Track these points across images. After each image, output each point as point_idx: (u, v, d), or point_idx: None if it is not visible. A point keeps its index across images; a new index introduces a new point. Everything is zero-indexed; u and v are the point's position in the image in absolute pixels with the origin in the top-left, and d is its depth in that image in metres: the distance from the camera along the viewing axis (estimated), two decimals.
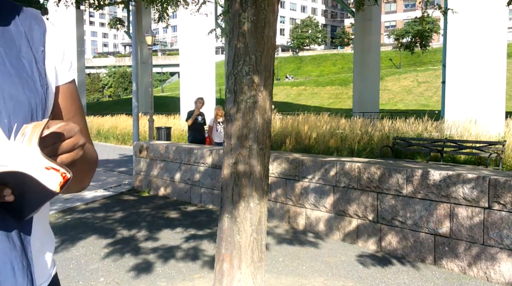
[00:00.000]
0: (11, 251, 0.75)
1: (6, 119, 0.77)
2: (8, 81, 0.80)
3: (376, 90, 24.75)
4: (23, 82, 0.82)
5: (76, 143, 0.74)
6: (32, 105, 0.81)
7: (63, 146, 0.73)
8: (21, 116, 0.79)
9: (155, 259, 4.54)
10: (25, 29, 0.87)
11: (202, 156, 7.09)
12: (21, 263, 0.76)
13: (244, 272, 2.85)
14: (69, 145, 0.73)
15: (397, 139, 11.03)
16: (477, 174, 4.11)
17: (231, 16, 2.88)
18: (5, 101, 0.78)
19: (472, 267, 4.06)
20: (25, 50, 0.85)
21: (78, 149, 0.75)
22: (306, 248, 4.93)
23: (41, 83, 0.85)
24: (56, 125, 0.72)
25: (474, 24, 15.11)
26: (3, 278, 0.74)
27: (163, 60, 74.84)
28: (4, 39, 0.83)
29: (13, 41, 0.84)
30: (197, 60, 23.83)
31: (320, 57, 69.76)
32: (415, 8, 69.90)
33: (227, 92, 2.92)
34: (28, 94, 0.81)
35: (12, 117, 0.78)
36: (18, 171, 0.66)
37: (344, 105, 42.11)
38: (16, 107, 0.79)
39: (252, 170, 2.85)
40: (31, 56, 0.85)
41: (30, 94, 0.82)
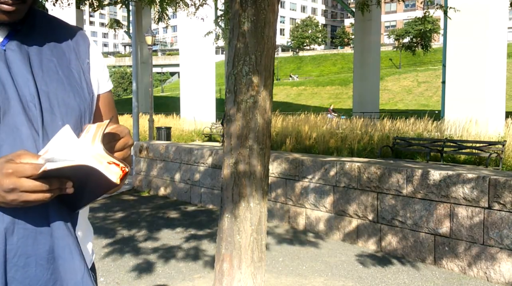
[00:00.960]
0: (68, 237, 0.86)
1: (61, 122, 0.88)
2: (61, 88, 0.91)
3: (376, 90, 24.75)
4: (74, 90, 0.93)
5: (127, 142, 0.86)
6: (81, 111, 0.93)
7: (117, 144, 0.84)
8: (73, 120, 0.90)
9: (155, 259, 4.54)
10: (73, 45, 1.00)
11: (202, 156, 7.09)
12: (76, 247, 0.87)
13: (244, 272, 2.85)
14: (121, 144, 0.85)
15: (397, 139, 11.03)
16: (477, 174, 4.12)
17: (231, 16, 2.88)
18: (60, 106, 0.90)
19: (472, 267, 4.07)
20: (74, 62, 0.97)
21: (128, 148, 0.86)
22: (306, 248, 4.93)
23: (88, 92, 0.97)
24: (112, 126, 0.83)
25: (474, 24, 15.11)
26: (62, 261, 0.85)
27: (163, 60, 74.83)
28: (57, 52, 0.95)
29: (63, 54, 0.96)
30: (197, 60, 23.81)
31: (320, 57, 69.74)
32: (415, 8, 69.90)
33: (227, 92, 2.92)
34: (78, 101, 0.93)
35: (65, 120, 0.89)
36: (85, 164, 0.74)
37: (344, 105, 42.11)
38: (68, 111, 0.90)
39: (252, 170, 2.85)
40: (79, 68, 0.97)
41: (80, 101, 0.94)
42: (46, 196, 0.77)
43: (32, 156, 0.76)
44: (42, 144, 0.83)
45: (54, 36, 0.97)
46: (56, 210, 0.85)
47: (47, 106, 0.88)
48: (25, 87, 0.86)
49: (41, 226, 0.83)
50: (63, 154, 0.74)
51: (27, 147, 0.82)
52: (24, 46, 0.90)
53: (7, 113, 0.83)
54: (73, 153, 0.75)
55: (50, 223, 0.84)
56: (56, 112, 0.88)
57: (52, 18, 1.00)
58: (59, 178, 0.78)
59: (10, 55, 0.87)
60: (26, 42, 0.91)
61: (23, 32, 0.91)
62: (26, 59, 0.89)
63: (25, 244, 0.82)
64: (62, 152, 0.75)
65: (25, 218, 0.82)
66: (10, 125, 0.83)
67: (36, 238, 0.83)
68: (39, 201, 0.77)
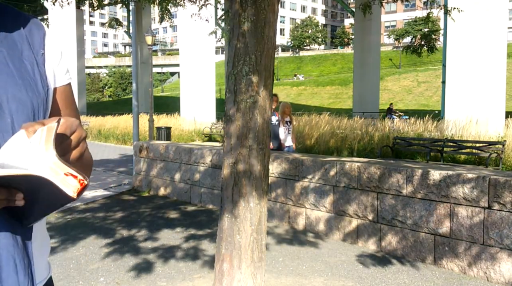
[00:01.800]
0: (14, 248, 0.77)
1: (9, 119, 0.80)
2: (11, 82, 0.82)
3: (376, 90, 24.76)
4: (25, 83, 0.84)
5: (80, 136, 0.76)
6: (34, 106, 0.84)
7: (72, 142, 0.74)
8: (24, 116, 0.82)
9: (155, 259, 4.54)
10: (26, 33, 0.91)
11: (202, 156, 7.09)
12: (23, 260, 0.78)
13: (244, 272, 2.85)
14: (75, 140, 0.75)
15: (397, 139, 11.03)
16: (477, 174, 4.11)
17: (231, 16, 2.88)
18: (9, 101, 0.81)
19: (472, 267, 4.07)
20: (27, 53, 0.88)
21: (82, 142, 0.76)
22: (306, 248, 4.93)
23: (42, 85, 0.88)
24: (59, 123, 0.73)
25: (474, 24, 15.11)
26: (5, 274, 0.75)
27: (163, 60, 74.84)
28: (6, 42, 0.86)
29: (15, 44, 0.87)
30: (197, 60, 23.82)
31: (320, 57, 69.76)
32: (415, 8, 69.88)
33: (227, 92, 2.92)
34: (31, 95, 0.84)
35: (15, 117, 0.80)
36: (39, 175, 0.66)
37: (344, 105, 42.12)
38: (19, 107, 0.81)
39: (252, 170, 2.85)
40: (32, 59, 0.88)
41: (32, 95, 0.84)
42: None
43: None
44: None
45: (4, 24, 0.88)
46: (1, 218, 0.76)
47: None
48: None
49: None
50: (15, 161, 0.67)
51: None
52: None
53: None
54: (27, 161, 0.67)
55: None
56: (4, 108, 0.80)
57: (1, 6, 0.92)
58: (7, 188, 0.70)
59: None
60: None
61: None
62: None
63: None
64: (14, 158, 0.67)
65: None
66: None
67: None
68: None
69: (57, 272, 4.18)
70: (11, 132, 0.78)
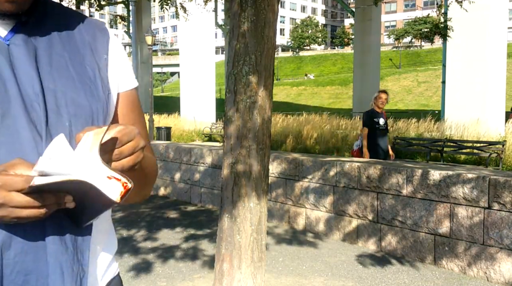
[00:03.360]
0: (62, 255, 0.76)
1: (67, 123, 0.80)
2: (71, 86, 0.83)
3: (376, 90, 24.70)
4: (85, 88, 0.85)
5: (136, 146, 0.75)
6: (93, 110, 0.84)
7: (124, 150, 0.74)
8: (82, 120, 0.82)
9: (155, 259, 4.54)
10: (89, 39, 0.91)
11: (202, 156, 7.10)
12: (71, 267, 0.77)
13: (244, 272, 2.85)
14: (129, 148, 0.74)
15: (397, 139, 11.03)
16: (477, 174, 4.12)
17: (231, 16, 2.88)
18: (68, 105, 0.81)
19: (472, 267, 4.07)
20: (89, 58, 0.89)
21: (138, 151, 0.76)
22: (306, 248, 4.93)
23: (103, 89, 0.88)
24: (115, 129, 0.73)
25: (474, 24, 15.11)
26: (51, 282, 0.75)
27: (163, 60, 74.85)
28: (70, 46, 0.87)
29: (77, 49, 0.88)
30: (197, 60, 23.81)
31: (320, 57, 69.77)
32: (415, 8, 69.87)
33: (227, 92, 2.92)
34: (90, 100, 0.84)
35: (73, 121, 0.81)
36: (81, 180, 0.66)
37: (344, 105, 42.11)
38: (77, 111, 0.82)
39: (252, 170, 2.85)
40: (94, 64, 0.89)
41: (92, 99, 0.85)
42: (41, 212, 0.69)
43: (28, 166, 0.68)
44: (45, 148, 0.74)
45: (68, 29, 0.88)
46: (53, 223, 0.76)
47: (53, 106, 0.79)
48: (29, 85, 0.78)
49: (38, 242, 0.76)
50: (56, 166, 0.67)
51: (27, 151, 0.75)
52: (31, 40, 0.82)
53: (6, 115, 0.75)
54: (67, 166, 0.67)
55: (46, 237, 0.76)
56: (63, 113, 0.80)
57: (66, 9, 0.92)
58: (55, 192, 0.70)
59: (14, 51, 0.79)
60: (35, 35, 0.83)
61: (31, 25, 0.83)
62: (33, 54, 0.81)
63: (24, 260, 0.74)
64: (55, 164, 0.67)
65: (24, 231, 0.74)
66: (10, 128, 0.75)
67: (37, 253, 0.75)
68: (33, 217, 0.69)
69: None
70: (68, 136, 0.78)
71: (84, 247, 0.80)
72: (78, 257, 0.79)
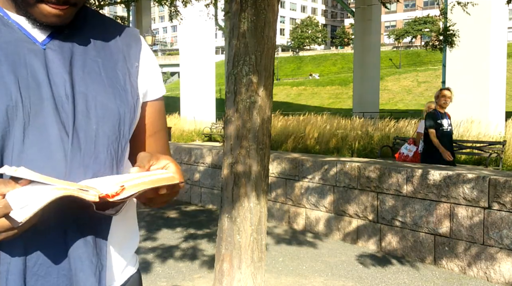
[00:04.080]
0: (81, 248, 0.81)
1: (95, 126, 0.84)
2: (101, 90, 0.87)
3: (376, 90, 24.74)
4: (115, 92, 0.89)
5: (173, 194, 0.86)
6: (121, 115, 0.88)
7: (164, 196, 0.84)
8: (109, 124, 0.86)
9: (154, 258, 4.54)
10: (123, 46, 0.95)
11: (202, 156, 7.10)
12: (90, 260, 0.81)
13: (244, 272, 2.85)
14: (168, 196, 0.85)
15: (397, 139, 11.03)
16: (477, 174, 4.12)
17: (231, 16, 2.89)
18: (97, 109, 0.85)
19: (472, 267, 4.07)
20: (121, 65, 0.93)
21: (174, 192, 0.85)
22: (306, 248, 4.93)
23: (132, 95, 0.91)
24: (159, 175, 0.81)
25: (474, 24, 15.11)
26: (72, 274, 0.80)
27: (163, 60, 74.82)
28: (104, 52, 0.91)
29: (111, 55, 0.92)
30: (197, 60, 23.80)
31: (320, 57, 69.75)
32: (415, 8, 69.88)
33: (227, 92, 2.92)
34: (119, 104, 0.88)
35: (100, 124, 0.85)
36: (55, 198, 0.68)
37: (344, 105, 42.11)
38: (105, 114, 0.86)
39: (252, 170, 2.85)
40: (125, 70, 0.93)
41: (121, 103, 0.88)
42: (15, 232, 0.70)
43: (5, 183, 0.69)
44: (71, 147, 0.80)
45: (104, 37, 0.93)
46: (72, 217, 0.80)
47: (82, 108, 0.83)
48: (61, 87, 0.82)
49: (59, 238, 0.80)
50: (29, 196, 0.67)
51: (54, 148, 0.79)
52: (67, 46, 0.86)
53: (38, 114, 0.79)
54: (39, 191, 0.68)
55: (66, 234, 0.80)
56: (91, 116, 0.84)
57: (104, 18, 0.97)
58: None
59: (50, 55, 0.83)
60: (71, 41, 0.87)
61: (69, 32, 0.87)
62: (67, 59, 0.85)
63: (46, 253, 0.79)
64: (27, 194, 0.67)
65: (45, 226, 0.78)
66: (40, 127, 0.79)
67: (57, 247, 0.80)
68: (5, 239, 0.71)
69: None
70: (93, 138, 0.83)
71: (103, 242, 0.84)
72: (97, 251, 0.83)
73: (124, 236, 0.95)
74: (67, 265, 0.80)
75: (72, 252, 0.80)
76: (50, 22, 0.82)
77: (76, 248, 0.80)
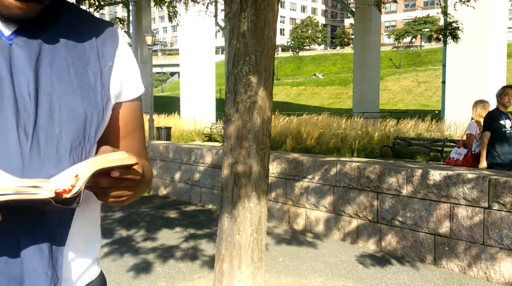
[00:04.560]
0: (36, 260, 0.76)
1: (58, 129, 0.78)
2: (68, 91, 0.81)
3: (376, 90, 24.76)
4: (83, 93, 0.83)
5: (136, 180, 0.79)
6: (88, 117, 0.82)
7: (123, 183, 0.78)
8: (74, 128, 0.80)
9: (155, 259, 4.54)
10: (98, 43, 0.89)
11: (202, 156, 7.10)
12: (45, 273, 0.76)
13: (244, 272, 2.85)
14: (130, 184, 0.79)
15: (397, 139, 11.03)
16: (477, 174, 4.12)
17: (231, 16, 2.89)
18: (61, 110, 0.79)
19: (472, 267, 4.07)
20: (93, 63, 0.86)
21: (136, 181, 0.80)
22: (306, 248, 4.93)
23: (102, 96, 0.85)
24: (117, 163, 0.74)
25: (474, 24, 15.11)
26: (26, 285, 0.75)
27: (163, 60, 74.84)
28: (75, 50, 0.85)
29: (83, 53, 0.86)
30: (197, 60, 23.81)
31: (320, 57, 69.78)
32: (415, 8, 69.87)
33: (227, 92, 2.92)
34: (86, 106, 0.82)
35: (63, 127, 0.79)
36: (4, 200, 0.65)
37: (344, 105, 42.11)
38: (70, 117, 0.80)
39: (252, 170, 2.85)
40: (97, 69, 0.87)
41: (88, 106, 0.82)
42: None
43: None
44: (29, 152, 0.75)
45: (77, 33, 0.86)
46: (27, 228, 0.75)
47: (45, 110, 0.78)
48: (24, 86, 0.77)
49: (11, 245, 0.74)
50: None
51: (12, 152, 0.74)
52: (36, 42, 0.80)
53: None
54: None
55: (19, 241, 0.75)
56: (55, 117, 0.78)
57: (81, 13, 0.90)
58: None
59: (16, 51, 0.78)
60: (40, 37, 0.81)
61: (38, 27, 0.81)
62: (34, 56, 0.79)
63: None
64: None
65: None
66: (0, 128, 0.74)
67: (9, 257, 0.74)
68: None
69: None
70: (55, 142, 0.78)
71: (59, 250, 0.79)
72: (53, 262, 0.78)
73: (84, 241, 0.89)
74: (20, 277, 0.75)
75: (26, 263, 0.75)
76: (14, 14, 0.77)
77: (30, 259, 0.75)
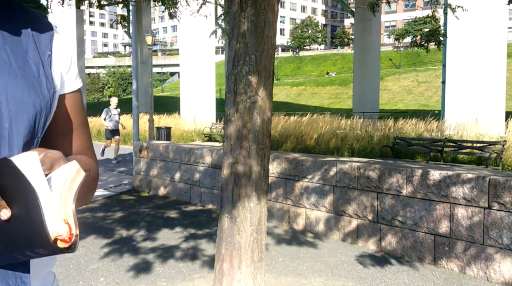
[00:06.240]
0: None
1: (7, 123, 0.73)
2: (13, 82, 0.75)
3: (376, 90, 24.75)
4: (29, 84, 0.77)
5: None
6: (37, 109, 0.77)
7: None
8: (24, 121, 0.75)
9: (155, 259, 4.54)
10: (33, 32, 0.84)
11: (202, 156, 7.09)
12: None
13: (244, 272, 2.85)
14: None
15: (397, 139, 11.03)
16: (477, 174, 4.12)
17: (231, 16, 2.89)
18: (9, 103, 0.74)
19: (471, 267, 4.07)
20: (32, 53, 0.81)
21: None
22: (306, 248, 4.94)
23: (47, 87, 0.80)
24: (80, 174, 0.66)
25: (474, 24, 15.11)
26: None
27: (163, 60, 74.81)
28: (11, 39, 0.79)
29: (20, 42, 0.81)
30: (197, 60, 23.80)
31: (320, 57, 69.75)
32: (415, 8, 69.87)
33: (227, 92, 2.92)
34: (34, 97, 0.77)
35: (13, 121, 0.74)
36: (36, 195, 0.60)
37: (344, 105, 42.09)
38: (19, 110, 0.74)
39: (252, 170, 2.85)
40: (38, 59, 0.81)
41: (36, 97, 0.77)
42: None
43: None
44: None
45: (10, 22, 0.81)
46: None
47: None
48: None
49: None
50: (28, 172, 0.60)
51: None
52: None
53: None
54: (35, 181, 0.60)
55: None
56: (3, 111, 0.73)
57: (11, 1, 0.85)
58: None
59: None
60: None
61: None
62: None
63: None
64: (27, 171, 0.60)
65: None
66: None
67: None
68: None
69: (57, 272, 4.18)
70: (7, 138, 0.72)
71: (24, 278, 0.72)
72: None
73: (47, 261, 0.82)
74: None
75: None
76: None
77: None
